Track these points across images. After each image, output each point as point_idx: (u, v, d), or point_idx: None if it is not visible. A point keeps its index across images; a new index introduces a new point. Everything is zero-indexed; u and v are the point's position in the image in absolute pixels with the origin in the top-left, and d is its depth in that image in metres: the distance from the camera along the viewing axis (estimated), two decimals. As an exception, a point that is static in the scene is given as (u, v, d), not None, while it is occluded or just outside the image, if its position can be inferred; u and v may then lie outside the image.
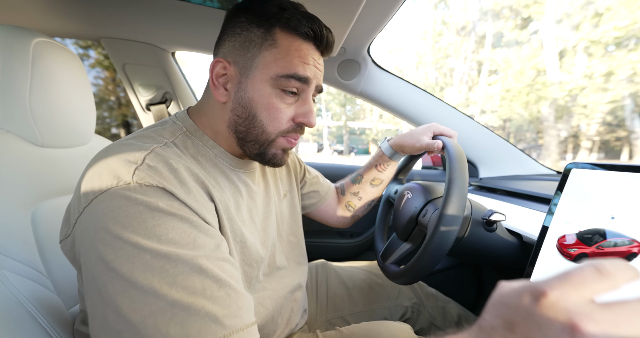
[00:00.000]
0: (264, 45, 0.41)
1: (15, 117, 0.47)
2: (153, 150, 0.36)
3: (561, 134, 10.14)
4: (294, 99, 0.44)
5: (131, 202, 0.31)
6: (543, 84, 9.59)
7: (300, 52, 0.41)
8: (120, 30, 0.81)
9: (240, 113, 0.43)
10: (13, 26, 0.48)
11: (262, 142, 0.44)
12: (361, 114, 18.39)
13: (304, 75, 0.42)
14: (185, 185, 0.35)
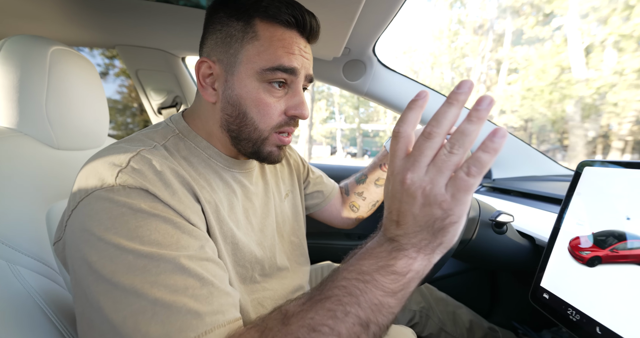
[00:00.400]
0: (245, 39, 0.39)
1: (33, 120, 0.50)
2: (139, 153, 0.36)
3: (589, 134, 9.58)
4: (284, 91, 0.42)
5: (114, 204, 0.31)
6: (567, 81, 9.11)
7: (283, 41, 0.39)
8: (134, 38, 0.85)
9: (230, 112, 0.42)
10: (32, 36, 0.51)
11: (255, 140, 0.43)
12: (375, 116, 18.22)
13: (290, 66, 0.40)
14: (169, 187, 0.35)
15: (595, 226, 0.39)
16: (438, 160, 0.25)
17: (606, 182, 0.39)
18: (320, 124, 15.43)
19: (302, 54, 0.41)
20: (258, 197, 0.53)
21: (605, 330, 0.33)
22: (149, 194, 0.33)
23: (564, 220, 0.44)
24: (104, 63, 7.44)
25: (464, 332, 0.76)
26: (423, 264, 0.29)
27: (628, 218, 0.35)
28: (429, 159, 0.26)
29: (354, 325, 0.27)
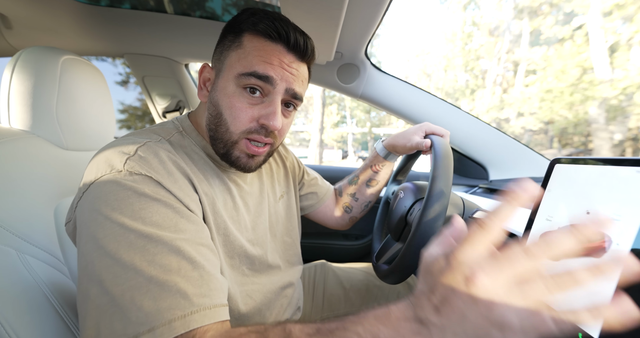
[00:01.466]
0: (231, 47, 0.43)
1: (44, 123, 0.56)
2: (146, 144, 0.40)
3: (614, 136, 9.09)
4: (260, 99, 0.43)
5: (121, 187, 0.35)
6: (590, 82, 8.71)
7: (262, 51, 0.42)
8: (140, 46, 0.92)
9: (212, 111, 0.45)
10: (45, 47, 0.57)
11: (226, 141, 0.44)
12: (386, 120, 18.09)
13: (264, 73, 0.41)
14: (171, 175, 0.38)
15: (560, 222, 0.39)
16: (531, 287, 0.21)
17: (572, 178, 0.40)
18: (332, 128, 15.47)
19: (284, 67, 0.43)
20: (252, 197, 0.56)
21: (564, 322, 0.33)
22: (152, 180, 0.36)
23: (536, 217, 0.44)
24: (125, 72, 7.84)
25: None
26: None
27: (588, 213, 0.35)
28: (516, 275, 0.21)
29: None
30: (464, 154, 1.02)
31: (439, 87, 14.97)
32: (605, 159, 0.36)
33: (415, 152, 0.71)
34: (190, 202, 0.39)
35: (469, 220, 0.58)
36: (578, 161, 0.40)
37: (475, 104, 13.41)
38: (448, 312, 0.22)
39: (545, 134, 11.88)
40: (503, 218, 0.23)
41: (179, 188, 0.38)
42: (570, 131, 10.40)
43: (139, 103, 8.57)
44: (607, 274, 0.21)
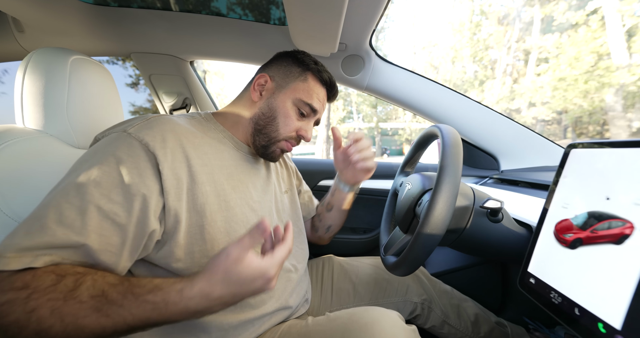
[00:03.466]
0: (299, 78, 0.59)
1: (56, 122, 0.57)
2: (161, 115, 0.49)
3: (633, 124, 8.73)
4: (303, 119, 0.61)
5: (112, 146, 0.41)
6: (606, 69, 8.36)
7: (318, 92, 0.61)
8: (147, 45, 0.93)
9: (265, 112, 0.58)
10: (54, 48, 0.59)
11: (271, 137, 0.58)
12: (393, 114, 17.86)
13: (315, 108, 0.60)
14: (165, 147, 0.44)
15: (578, 208, 0.37)
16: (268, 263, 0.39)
17: (589, 163, 0.38)
18: (338, 123, 15.40)
19: (323, 104, 0.63)
20: (259, 177, 0.61)
21: (583, 310, 0.32)
22: (142, 150, 0.42)
23: (551, 204, 0.43)
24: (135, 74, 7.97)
25: (468, 325, 0.74)
26: None
27: (608, 199, 0.34)
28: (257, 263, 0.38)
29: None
30: (474, 144, 0.99)
31: (446, 79, 14.66)
32: (625, 141, 0.34)
33: (424, 141, 0.70)
34: (152, 174, 0.42)
35: (477, 210, 0.57)
36: (596, 145, 0.38)
37: (485, 95, 13.09)
38: (230, 283, 0.36)
39: (559, 124, 11.52)
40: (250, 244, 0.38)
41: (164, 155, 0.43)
42: (585, 120, 10.04)
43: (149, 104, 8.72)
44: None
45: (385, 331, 0.42)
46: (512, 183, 0.85)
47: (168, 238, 0.44)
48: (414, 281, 0.77)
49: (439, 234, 0.45)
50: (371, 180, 1.11)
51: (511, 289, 0.90)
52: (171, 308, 0.35)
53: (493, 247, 0.58)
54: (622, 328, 0.28)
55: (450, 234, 0.57)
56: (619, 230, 0.31)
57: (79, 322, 0.32)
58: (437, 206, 0.45)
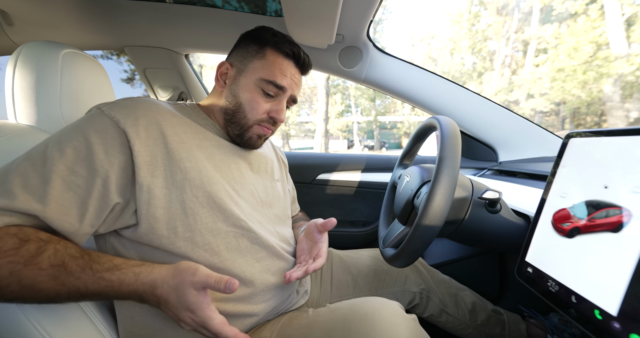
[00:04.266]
0: (256, 56, 0.55)
1: (49, 118, 0.56)
2: (138, 97, 0.49)
3: (630, 114, 8.74)
4: (272, 99, 0.56)
5: (83, 122, 0.43)
6: (605, 59, 8.32)
7: (281, 66, 0.55)
8: (140, 38, 0.91)
9: (231, 100, 0.56)
10: (45, 41, 0.57)
11: (242, 125, 0.56)
12: (392, 108, 17.78)
13: (280, 84, 0.55)
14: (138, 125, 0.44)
15: (576, 198, 0.38)
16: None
17: (588, 152, 0.38)
18: (337, 117, 15.31)
19: (293, 79, 0.57)
20: (245, 162, 0.59)
21: (580, 297, 0.33)
22: (114, 127, 0.43)
23: (549, 194, 0.43)
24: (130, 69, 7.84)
25: (465, 314, 0.76)
26: None
27: (606, 187, 0.34)
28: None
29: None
30: (472, 135, 0.99)
31: (445, 71, 14.55)
32: (623, 129, 0.34)
33: (422, 133, 0.70)
34: (120, 150, 0.42)
35: (475, 201, 0.57)
36: (594, 134, 0.38)
37: (483, 87, 13.03)
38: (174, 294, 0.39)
39: (557, 116, 11.52)
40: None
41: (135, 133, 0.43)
42: (583, 111, 10.05)
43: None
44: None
45: (386, 320, 0.42)
46: (510, 174, 0.85)
47: (144, 214, 0.43)
48: (412, 271, 0.78)
49: (437, 225, 0.46)
50: (370, 173, 1.11)
51: (508, 279, 0.92)
52: (123, 288, 0.38)
53: (491, 238, 0.59)
54: (618, 314, 0.28)
55: (449, 225, 0.58)
56: (617, 219, 0.31)
57: (36, 286, 0.35)
58: (436, 197, 0.45)
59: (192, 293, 0.39)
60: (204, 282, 0.39)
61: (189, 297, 0.39)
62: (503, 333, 0.75)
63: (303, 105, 17.94)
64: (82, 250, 0.39)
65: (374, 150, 17.46)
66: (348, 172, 1.12)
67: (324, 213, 1.14)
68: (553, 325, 0.75)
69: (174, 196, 0.45)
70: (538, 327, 0.77)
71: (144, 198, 0.43)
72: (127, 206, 0.44)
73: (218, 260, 0.48)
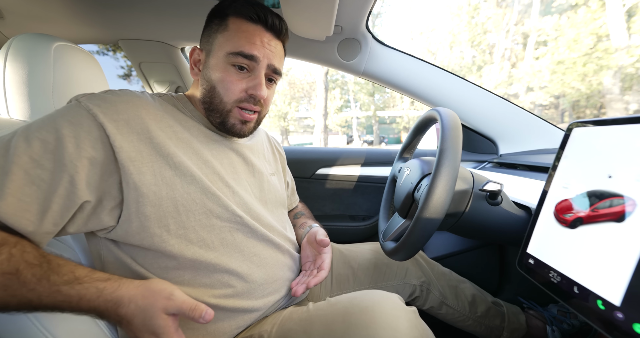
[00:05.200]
0: (219, 30, 0.50)
1: (42, 112, 0.55)
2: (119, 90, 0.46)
3: (630, 107, 8.72)
4: (247, 74, 0.50)
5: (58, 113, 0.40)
6: (605, 50, 8.26)
7: (247, 33, 0.49)
8: (135, 31, 0.89)
9: (205, 86, 0.51)
10: (36, 34, 0.56)
11: (221, 110, 0.51)
12: (391, 102, 17.68)
13: (250, 53, 0.48)
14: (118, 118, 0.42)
15: (579, 188, 0.37)
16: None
17: (591, 142, 0.37)
18: (335, 113, 15.24)
19: (265, 45, 0.50)
20: (236, 155, 0.56)
21: (582, 288, 0.32)
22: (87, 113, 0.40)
23: (552, 185, 0.42)
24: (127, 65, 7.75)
25: (465, 305, 0.76)
26: None
27: (610, 177, 0.33)
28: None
29: None
30: (472, 128, 0.99)
31: (444, 65, 14.45)
32: (627, 117, 0.34)
33: (422, 126, 0.69)
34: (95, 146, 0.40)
35: (476, 194, 0.56)
36: (598, 123, 0.38)
37: (483, 81, 12.95)
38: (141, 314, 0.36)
39: (556, 109, 11.49)
40: None
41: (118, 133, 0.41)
42: (582, 104, 10.02)
43: (140, 96, 8.50)
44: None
45: (386, 313, 0.42)
46: (511, 166, 0.85)
47: (134, 212, 0.42)
48: (412, 264, 0.78)
49: (438, 218, 0.45)
50: (369, 167, 1.11)
51: (508, 271, 0.92)
52: (83, 304, 0.34)
53: (492, 230, 0.59)
54: (622, 304, 0.28)
55: (449, 218, 0.57)
56: (621, 208, 0.30)
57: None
58: (437, 190, 0.45)
59: (161, 317, 0.36)
60: (179, 307, 0.37)
61: (156, 321, 0.36)
62: (503, 324, 0.76)
63: (302, 100, 17.83)
64: (42, 256, 0.35)
65: (373, 145, 17.43)
66: (347, 166, 1.11)
67: (323, 208, 1.14)
68: (552, 316, 0.76)
69: (164, 193, 0.44)
70: (537, 318, 0.77)
71: (132, 196, 0.41)
72: (99, 205, 0.41)
73: (213, 256, 0.47)
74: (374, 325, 0.40)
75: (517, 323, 0.77)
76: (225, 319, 0.49)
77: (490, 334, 0.76)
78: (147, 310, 0.36)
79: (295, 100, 16.68)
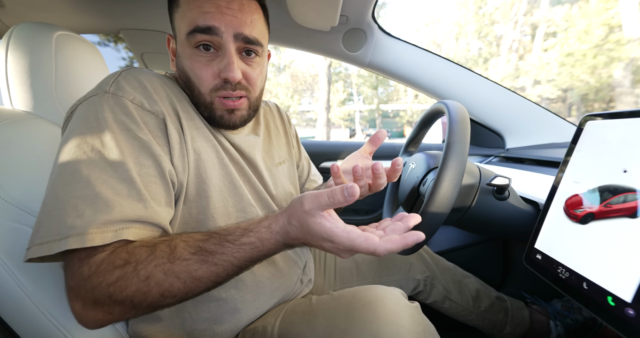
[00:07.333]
0: (174, 10, 0.44)
1: (45, 103, 0.55)
2: (133, 68, 0.43)
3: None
4: (215, 54, 0.43)
5: (102, 110, 0.38)
6: (617, 42, 8.02)
7: (197, 2, 0.41)
8: (137, 21, 0.87)
9: (183, 78, 0.46)
10: (37, 23, 0.55)
11: (203, 103, 0.45)
12: (395, 96, 17.47)
13: (205, 25, 0.40)
14: (154, 102, 0.40)
15: (591, 183, 0.36)
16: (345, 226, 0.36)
17: (606, 136, 0.36)
18: (338, 106, 15.11)
19: (224, 11, 0.41)
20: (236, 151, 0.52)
21: (592, 284, 0.32)
22: (133, 106, 0.39)
23: (562, 179, 0.41)
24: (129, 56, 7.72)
25: (469, 300, 0.76)
26: None
27: (625, 171, 0.32)
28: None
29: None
30: (479, 121, 0.97)
31: (449, 57, 14.18)
32: (646, 110, 0.32)
33: (429, 119, 0.68)
34: (159, 133, 0.40)
35: (482, 188, 0.56)
36: (613, 116, 0.36)
37: (489, 73, 12.71)
38: (302, 230, 0.35)
39: (563, 102, 11.27)
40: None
41: (158, 110, 0.40)
42: (591, 97, 9.81)
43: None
44: None
45: (389, 308, 0.42)
46: (518, 161, 0.84)
47: (178, 196, 0.43)
48: (417, 259, 0.77)
49: (444, 213, 0.45)
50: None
51: (512, 266, 0.92)
52: (266, 244, 0.36)
53: (498, 225, 0.58)
54: (633, 300, 0.27)
55: (455, 213, 0.57)
56: (635, 204, 0.30)
57: (194, 274, 0.34)
58: (443, 184, 0.44)
59: (314, 223, 0.34)
60: (317, 205, 0.33)
61: (314, 228, 0.34)
62: (506, 319, 0.76)
63: (304, 93, 17.68)
64: (203, 233, 0.38)
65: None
66: (351, 159, 1.10)
67: (327, 202, 1.14)
68: (556, 311, 0.76)
69: (191, 179, 0.44)
70: (541, 313, 0.77)
71: (179, 179, 0.42)
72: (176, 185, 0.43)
73: None
74: (376, 320, 0.40)
75: (520, 318, 0.77)
76: (234, 313, 0.49)
77: (493, 328, 0.76)
78: (302, 225, 0.35)
79: (298, 93, 16.55)
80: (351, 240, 0.32)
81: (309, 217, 0.34)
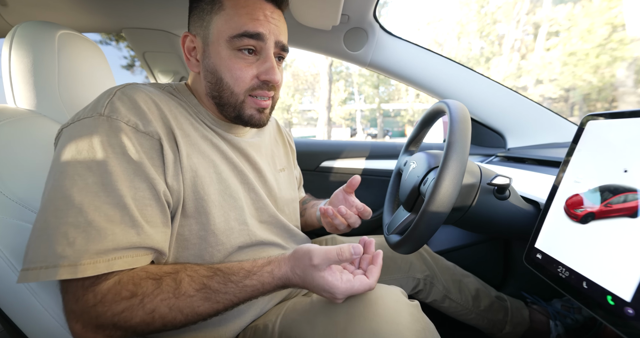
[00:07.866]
0: (213, 11, 0.44)
1: (48, 102, 0.55)
2: (128, 85, 0.43)
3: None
4: (255, 58, 0.46)
5: (95, 133, 0.37)
6: (620, 41, 7.98)
7: (247, 8, 0.43)
8: (139, 20, 0.88)
9: (210, 79, 0.47)
10: (39, 21, 0.55)
11: (234, 104, 0.47)
12: (396, 95, 17.43)
13: (256, 31, 0.43)
14: (148, 122, 0.40)
15: (592, 182, 0.36)
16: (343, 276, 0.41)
17: (607, 136, 0.36)
18: (339, 105, 15.10)
19: (269, 20, 0.45)
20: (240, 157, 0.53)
21: (592, 283, 0.32)
22: (127, 128, 0.39)
23: (563, 179, 0.41)
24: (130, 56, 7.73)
25: (469, 300, 0.76)
26: None
27: (625, 171, 0.32)
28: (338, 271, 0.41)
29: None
30: (480, 121, 0.97)
31: (451, 56, 14.13)
32: (647, 110, 0.32)
33: (430, 118, 0.68)
34: (154, 154, 0.40)
35: (483, 188, 0.56)
36: (615, 115, 0.36)
37: (491, 73, 12.67)
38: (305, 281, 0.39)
39: (566, 102, 11.23)
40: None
41: (151, 131, 0.40)
42: (593, 97, 9.76)
43: (145, 87, 8.48)
44: None
45: (389, 306, 0.42)
46: (519, 161, 0.83)
47: (174, 214, 0.43)
48: (417, 258, 0.78)
49: (444, 212, 0.45)
50: (374, 160, 1.10)
51: (512, 266, 0.92)
52: (267, 287, 0.39)
53: (499, 225, 0.58)
54: (632, 300, 0.28)
55: (456, 212, 0.57)
56: (635, 203, 0.30)
57: (196, 310, 0.37)
58: (444, 183, 0.44)
59: (319, 276, 0.38)
60: (326, 261, 0.38)
61: (318, 281, 0.38)
62: (506, 318, 0.76)
63: (305, 92, 17.67)
64: (207, 268, 0.40)
65: (377, 138, 17.31)
66: (352, 159, 1.10)
67: (327, 201, 1.14)
68: (556, 311, 0.76)
69: (188, 194, 0.43)
70: (541, 313, 0.77)
71: (175, 198, 0.43)
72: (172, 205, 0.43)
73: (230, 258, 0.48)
74: (376, 318, 0.40)
75: (520, 318, 0.77)
76: (238, 315, 0.50)
77: (493, 328, 0.76)
78: (306, 276, 0.39)
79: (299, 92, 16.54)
80: (350, 288, 0.38)
81: (315, 271, 0.38)
